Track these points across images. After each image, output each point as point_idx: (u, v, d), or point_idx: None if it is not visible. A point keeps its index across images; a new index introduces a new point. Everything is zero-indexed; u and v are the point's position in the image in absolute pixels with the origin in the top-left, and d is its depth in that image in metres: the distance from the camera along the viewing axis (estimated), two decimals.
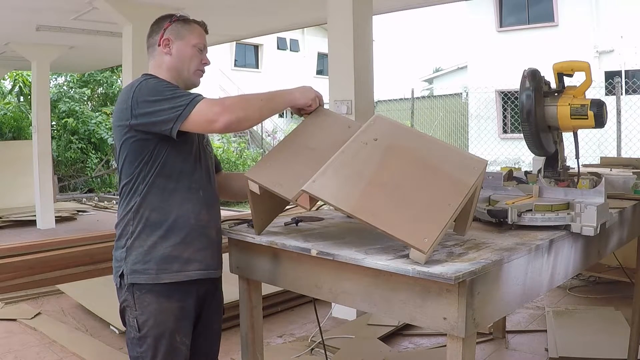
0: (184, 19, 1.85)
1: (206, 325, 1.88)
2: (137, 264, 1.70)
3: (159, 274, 1.69)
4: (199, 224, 1.76)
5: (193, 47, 1.81)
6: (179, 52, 1.80)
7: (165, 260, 1.70)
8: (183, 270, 1.72)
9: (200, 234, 1.76)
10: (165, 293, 1.70)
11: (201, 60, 1.84)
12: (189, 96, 1.63)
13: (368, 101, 4.15)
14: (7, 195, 9.27)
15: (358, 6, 4.01)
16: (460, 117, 16.27)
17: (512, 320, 3.82)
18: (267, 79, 21.22)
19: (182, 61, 1.81)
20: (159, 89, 1.66)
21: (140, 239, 1.71)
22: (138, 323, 1.71)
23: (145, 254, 1.70)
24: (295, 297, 4.17)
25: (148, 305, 1.70)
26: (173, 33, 1.81)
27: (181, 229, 1.72)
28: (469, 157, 1.59)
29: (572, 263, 1.84)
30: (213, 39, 8.25)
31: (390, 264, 1.37)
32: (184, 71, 1.81)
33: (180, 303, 1.73)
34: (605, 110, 2.20)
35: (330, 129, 1.75)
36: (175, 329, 1.72)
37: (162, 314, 1.70)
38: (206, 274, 1.78)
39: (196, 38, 1.82)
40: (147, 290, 1.70)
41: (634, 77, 11.84)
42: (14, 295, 4.57)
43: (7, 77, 12.89)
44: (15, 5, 5.64)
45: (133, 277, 1.70)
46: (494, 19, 15.31)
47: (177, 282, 1.71)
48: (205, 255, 1.77)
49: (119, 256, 1.74)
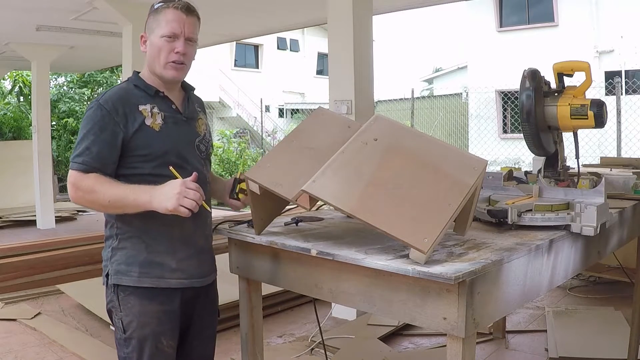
0: (158, 7, 1.72)
1: (199, 329, 1.85)
2: (121, 265, 1.68)
3: (140, 277, 1.67)
4: (183, 233, 1.72)
5: (161, 38, 1.69)
6: (150, 47, 1.73)
7: (147, 265, 1.67)
8: (164, 277, 1.69)
9: (183, 244, 1.72)
10: (147, 296, 1.67)
11: (172, 50, 1.70)
12: (80, 152, 1.62)
13: (368, 101, 4.15)
14: (7, 195, 9.28)
15: (358, 6, 4.01)
16: (460, 117, 16.26)
17: (512, 320, 3.82)
18: (267, 79, 21.24)
19: (153, 57, 1.72)
20: (87, 126, 1.65)
21: (125, 243, 1.69)
22: (123, 324, 1.68)
23: (128, 257, 1.68)
24: (295, 297, 4.17)
25: (132, 307, 1.67)
26: (147, 28, 1.75)
27: (164, 238, 1.69)
28: (469, 157, 1.59)
29: (572, 263, 1.84)
30: (213, 39, 8.27)
31: (390, 264, 1.37)
32: (156, 67, 1.72)
33: (164, 307, 1.69)
34: (605, 110, 2.20)
35: (330, 129, 1.75)
36: (160, 331, 1.69)
37: (145, 316, 1.67)
38: (188, 283, 1.73)
39: (164, 28, 1.69)
40: (130, 292, 1.67)
41: (634, 77, 11.84)
42: (14, 295, 4.57)
43: (7, 77, 12.89)
44: (15, 5, 5.64)
45: (117, 278, 1.68)
46: (494, 19, 15.30)
47: (158, 287, 1.68)
48: (189, 265, 1.73)
49: (105, 255, 1.73)
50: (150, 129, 1.68)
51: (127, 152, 1.66)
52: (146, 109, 1.69)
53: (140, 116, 1.68)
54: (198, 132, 1.82)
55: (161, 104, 1.74)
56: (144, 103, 1.70)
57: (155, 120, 1.70)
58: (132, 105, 1.68)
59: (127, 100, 1.69)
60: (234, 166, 12.68)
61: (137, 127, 1.66)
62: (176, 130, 1.74)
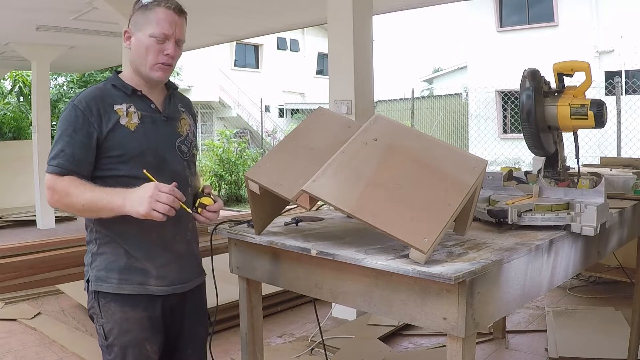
0: (147, 3, 1.64)
1: (192, 335, 1.82)
2: (101, 271, 1.64)
3: (120, 284, 1.63)
4: (163, 238, 1.67)
5: (149, 37, 1.62)
6: (135, 45, 1.65)
7: (127, 271, 1.63)
8: (145, 283, 1.65)
9: (163, 249, 1.68)
10: (129, 302, 1.63)
11: (161, 51, 1.64)
12: (55, 155, 1.59)
13: (368, 101, 4.15)
14: (7, 195, 9.28)
15: (358, 6, 4.01)
16: (460, 117, 16.27)
17: (512, 320, 3.82)
18: (267, 79, 21.24)
19: (139, 56, 1.64)
20: (61, 127, 1.61)
21: (104, 248, 1.66)
22: (104, 331, 1.64)
23: (108, 262, 1.64)
24: (295, 297, 4.17)
25: (113, 314, 1.63)
26: (133, 23, 1.66)
27: (142, 243, 1.64)
28: (469, 157, 1.59)
29: (572, 263, 1.84)
30: (213, 39, 8.27)
31: (390, 264, 1.37)
32: (141, 66, 1.66)
33: (147, 313, 1.65)
34: (605, 110, 2.20)
35: (330, 129, 1.75)
36: (144, 338, 1.65)
37: (127, 323, 1.63)
38: (170, 289, 1.69)
39: (154, 27, 1.62)
40: (110, 299, 1.63)
41: (634, 77, 11.84)
42: (14, 295, 4.58)
43: (7, 77, 12.89)
44: (15, 5, 5.64)
45: (97, 285, 1.64)
46: (494, 19, 15.31)
47: (139, 294, 1.64)
48: (169, 271, 1.69)
49: (86, 261, 1.69)
50: (125, 128, 1.63)
51: (101, 152, 1.61)
52: (121, 109, 1.64)
53: (115, 115, 1.62)
54: (179, 133, 1.75)
55: (139, 103, 1.68)
56: (119, 102, 1.65)
57: (130, 119, 1.64)
58: (107, 105, 1.63)
59: (101, 99, 1.63)
60: (234, 166, 12.67)
61: (111, 127, 1.61)
62: (154, 130, 1.68)
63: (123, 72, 1.73)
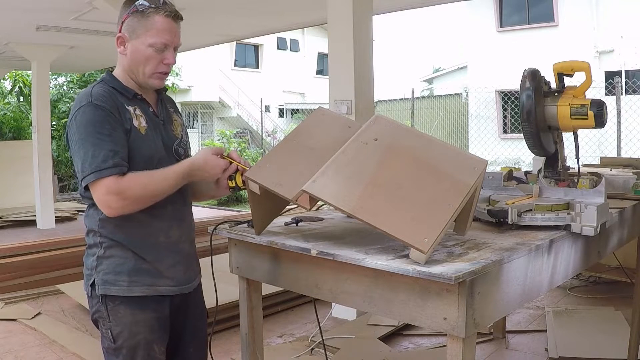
0: (143, 9, 1.58)
1: (194, 334, 1.83)
2: (109, 275, 1.61)
3: (130, 286, 1.61)
4: (169, 240, 1.68)
5: (148, 47, 1.58)
6: (132, 53, 1.60)
7: (136, 273, 1.62)
8: (154, 284, 1.65)
9: (170, 251, 1.69)
10: (138, 304, 1.63)
11: (161, 61, 1.61)
12: (105, 157, 1.49)
13: (368, 101, 4.15)
14: (7, 195, 9.27)
15: (358, 6, 4.01)
16: (460, 117, 16.27)
17: (512, 320, 3.82)
18: (267, 79, 21.23)
19: (137, 64, 1.60)
20: (89, 129, 1.50)
21: (111, 251, 1.63)
22: (112, 334, 1.63)
23: (116, 265, 1.62)
24: (295, 297, 4.17)
25: (122, 317, 1.62)
26: (128, 29, 1.60)
27: (150, 247, 1.64)
28: (469, 157, 1.59)
29: (572, 263, 1.84)
30: (213, 39, 8.28)
31: (390, 264, 1.37)
32: (139, 74, 1.62)
33: (156, 314, 1.66)
34: (605, 110, 2.20)
35: (330, 129, 1.75)
36: (152, 339, 1.65)
37: (137, 326, 1.62)
38: (177, 290, 1.70)
39: (153, 36, 1.58)
40: (120, 301, 1.62)
41: (634, 77, 11.84)
42: (14, 295, 4.58)
43: (7, 77, 12.88)
44: (15, 5, 5.64)
45: (105, 288, 1.62)
46: (494, 19, 15.31)
47: (149, 295, 1.64)
48: (176, 272, 1.70)
49: (90, 264, 1.66)
50: (138, 131, 1.60)
51: None
52: (130, 110, 1.61)
53: (129, 115, 1.59)
54: (175, 136, 1.75)
55: (141, 106, 1.65)
56: (127, 104, 1.61)
57: (140, 122, 1.61)
58: (119, 105, 1.58)
59: (114, 98, 1.59)
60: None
61: (128, 127, 1.58)
62: (157, 135, 1.67)
63: (117, 73, 1.67)
